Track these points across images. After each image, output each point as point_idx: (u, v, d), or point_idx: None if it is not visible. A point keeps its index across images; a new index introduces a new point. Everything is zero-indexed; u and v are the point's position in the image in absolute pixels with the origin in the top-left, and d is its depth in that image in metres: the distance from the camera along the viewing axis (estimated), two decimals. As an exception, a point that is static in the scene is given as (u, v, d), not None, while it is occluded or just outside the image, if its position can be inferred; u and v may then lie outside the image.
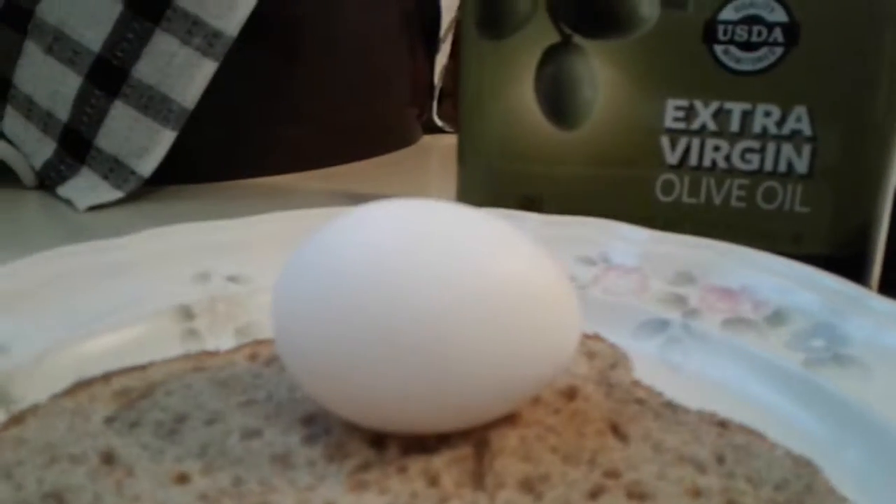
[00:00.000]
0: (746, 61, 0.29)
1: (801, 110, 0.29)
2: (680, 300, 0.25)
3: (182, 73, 0.41)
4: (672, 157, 0.31)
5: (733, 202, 0.31)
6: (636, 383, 0.20)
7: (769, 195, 0.30)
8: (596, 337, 0.22)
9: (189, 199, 0.44)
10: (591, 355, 0.21)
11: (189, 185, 0.46)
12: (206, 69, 0.41)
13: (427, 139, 0.61)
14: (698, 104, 0.30)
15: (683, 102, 0.30)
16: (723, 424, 0.18)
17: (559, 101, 0.31)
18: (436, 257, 0.17)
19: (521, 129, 0.32)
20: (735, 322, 0.24)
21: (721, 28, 0.29)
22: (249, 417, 0.18)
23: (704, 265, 0.26)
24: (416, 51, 0.57)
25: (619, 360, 0.21)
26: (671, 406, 0.18)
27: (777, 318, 0.24)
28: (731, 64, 0.29)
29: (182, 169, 0.46)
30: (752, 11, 0.29)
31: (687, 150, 0.31)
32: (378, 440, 0.17)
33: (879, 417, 0.19)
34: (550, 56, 0.31)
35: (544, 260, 0.18)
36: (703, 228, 0.31)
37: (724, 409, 0.21)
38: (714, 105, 0.30)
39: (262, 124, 0.49)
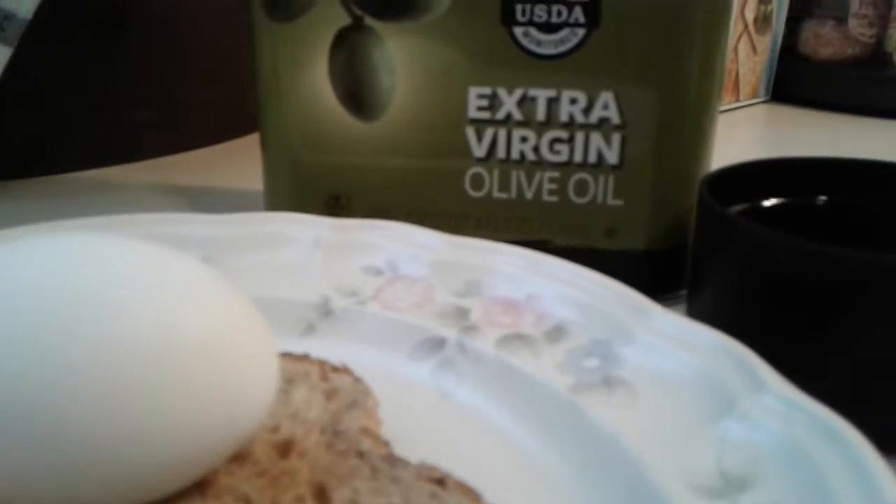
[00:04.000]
0: (548, 44, 0.27)
1: (608, 96, 0.27)
2: (461, 314, 0.23)
3: (-34, 60, 0.37)
4: (479, 150, 0.28)
5: (545, 196, 0.28)
6: (365, 430, 0.17)
7: (581, 188, 0.28)
8: (343, 370, 0.20)
9: (-6, 199, 0.40)
10: (330, 394, 0.19)
11: (-2, 182, 0.42)
12: (0, 55, 0.37)
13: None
14: (502, 92, 0.28)
15: (486, 90, 0.28)
16: (441, 482, 0.15)
17: (355, 90, 0.29)
18: (84, 309, 0.14)
19: (321, 120, 0.29)
20: (512, 339, 0.22)
21: (519, 8, 0.27)
22: None
23: (493, 273, 0.24)
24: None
25: (359, 398, 0.18)
26: (391, 460, 0.16)
27: (556, 333, 0.22)
28: (533, 47, 0.27)
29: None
30: (550, -11, 0.26)
31: (494, 142, 0.28)
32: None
33: (630, 452, 0.17)
34: (342, 40, 0.28)
35: (227, 305, 0.15)
36: (516, 224, 0.29)
37: (483, 445, 0.19)
38: (518, 92, 0.27)
39: (85, 111, 0.45)
